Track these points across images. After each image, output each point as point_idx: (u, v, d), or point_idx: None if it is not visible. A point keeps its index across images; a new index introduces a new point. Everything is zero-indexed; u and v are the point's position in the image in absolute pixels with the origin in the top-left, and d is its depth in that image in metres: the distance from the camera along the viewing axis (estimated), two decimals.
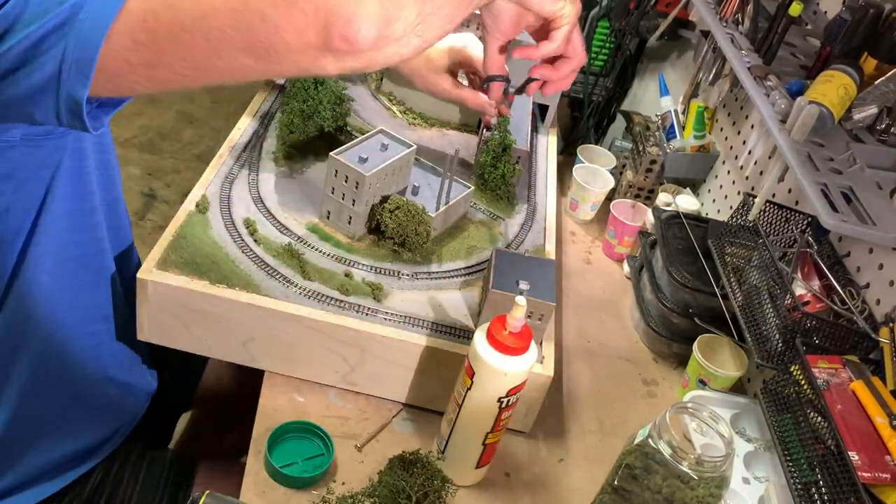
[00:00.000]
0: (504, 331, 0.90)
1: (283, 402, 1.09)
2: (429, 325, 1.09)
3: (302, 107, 1.24)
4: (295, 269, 1.10)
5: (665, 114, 1.63)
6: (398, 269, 1.15)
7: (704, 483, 0.81)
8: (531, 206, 1.38)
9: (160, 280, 1.03)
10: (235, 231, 1.13)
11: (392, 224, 1.15)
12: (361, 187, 1.12)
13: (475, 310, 1.13)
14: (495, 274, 1.07)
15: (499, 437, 0.99)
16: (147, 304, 1.05)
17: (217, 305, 1.04)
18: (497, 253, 1.11)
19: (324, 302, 1.07)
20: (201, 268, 1.06)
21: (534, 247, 1.28)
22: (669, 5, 1.74)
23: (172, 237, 1.09)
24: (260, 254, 1.11)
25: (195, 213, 1.14)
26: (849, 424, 0.89)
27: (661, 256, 1.32)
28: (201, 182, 1.20)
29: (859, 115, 1.10)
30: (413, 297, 1.13)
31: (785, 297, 1.06)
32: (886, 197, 1.04)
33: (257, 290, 1.05)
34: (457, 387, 0.97)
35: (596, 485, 0.96)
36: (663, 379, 1.30)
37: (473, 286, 1.18)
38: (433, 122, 1.50)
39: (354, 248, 1.17)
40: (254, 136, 1.33)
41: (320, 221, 1.19)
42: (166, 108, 3.27)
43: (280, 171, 1.27)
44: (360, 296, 1.09)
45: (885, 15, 1.11)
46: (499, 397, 0.93)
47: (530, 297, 1.04)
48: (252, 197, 1.20)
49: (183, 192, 2.85)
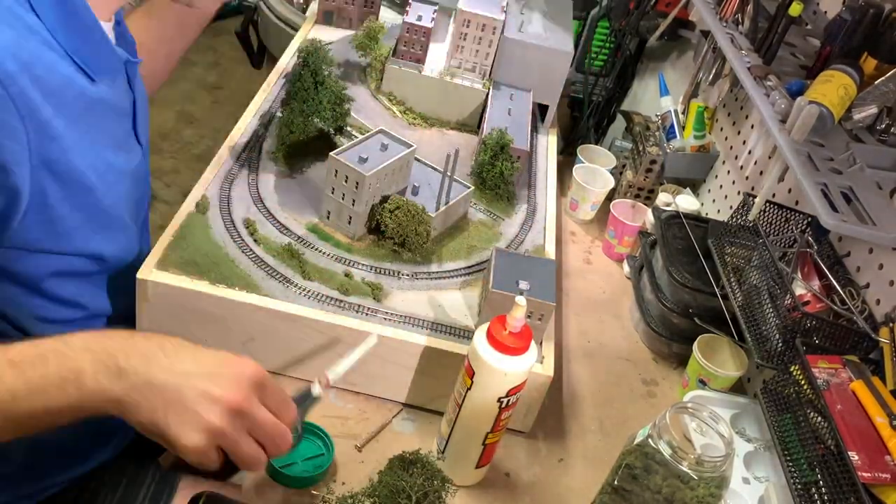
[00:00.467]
0: (504, 331, 0.90)
1: None
2: (429, 324, 1.09)
3: (302, 107, 1.24)
4: (295, 269, 1.10)
5: (665, 114, 1.63)
6: (398, 269, 1.15)
7: (704, 483, 0.81)
8: (531, 205, 1.38)
9: (160, 280, 1.03)
10: (235, 231, 1.13)
11: (392, 224, 1.15)
12: (361, 187, 1.12)
13: (475, 309, 1.13)
14: (495, 274, 1.07)
15: (499, 437, 0.99)
16: (147, 304, 1.05)
17: (217, 305, 1.04)
18: (497, 253, 1.11)
19: (324, 302, 1.07)
20: (201, 268, 1.06)
21: (534, 246, 1.28)
22: (669, 5, 1.74)
23: (172, 237, 1.09)
24: (260, 254, 1.11)
25: (195, 213, 1.14)
26: (849, 424, 0.89)
27: (661, 256, 1.32)
28: (201, 182, 1.20)
29: (859, 115, 1.10)
30: (413, 297, 1.12)
31: (785, 297, 1.06)
32: (886, 197, 1.04)
33: (257, 290, 1.05)
34: (457, 387, 0.97)
35: (596, 485, 0.96)
36: (663, 379, 1.30)
37: (473, 286, 1.18)
38: (433, 121, 1.50)
39: (354, 248, 1.17)
40: (254, 136, 1.33)
41: (320, 221, 1.19)
42: (166, 108, 3.27)
43: (280, 171, 1.27)
44: (360, 296, 1.09)
45: (885, 15, 1.11)
46: (499, 397, 0.93)
47: (530, 297, 1.04)
48: (252, 197, 1.20)
49: (183, 192, 2.83)
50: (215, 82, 3.52)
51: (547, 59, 1.49)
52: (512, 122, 1.41)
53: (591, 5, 1.88)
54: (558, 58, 1.49)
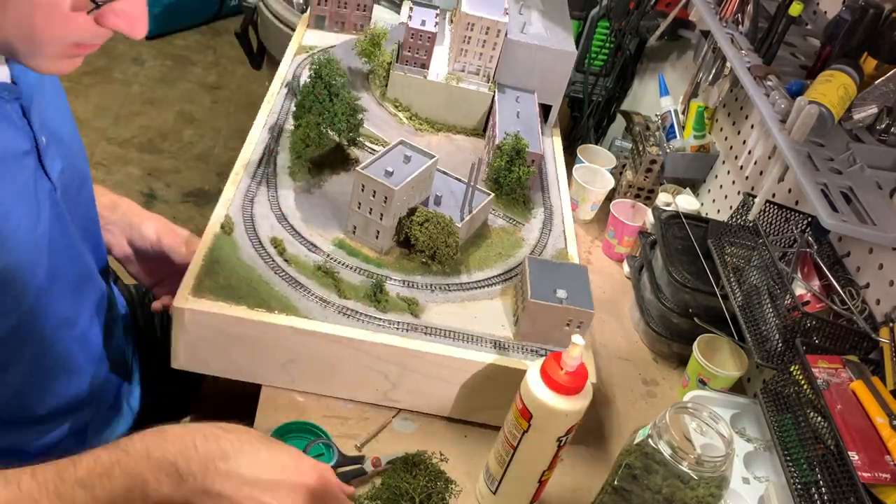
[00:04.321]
0: (560, 370, 0.88)
1: (283, 402, 1.08)
2: (468, 337, 1.08)
3: (318, 119, 1.22)
4: (329, 287, 1.09)
5: (665, 114, 1.63)
6: (430, 283, 1.15)
7: (704, 483, 0.81)
8: (547, 208, 1.37)
9: (198, 308, 1.00)
10: (264, 251, 1.11)
11: (423, 237, 1.13)
12: (390, 201, 1.10)
13: (510, 319, 1.13)
14: (532, 283, 1.07)
15: (553, 471, 0.97)
16: (184, 332, 1.02)
17: (257, 329, 1.02)
18: (530, 261, 1.11)
19: (362, 320, 1.06)
20: (238, 292, 1.03)
21: (556, 250, 1.28)
22: (669, 5, 1.74)
23: (203, 261, 1.06)
24: (293, 274, 1.09)
25: (221, 234, 1.11)
26: (849, 424, 0.89)
27: (661, 256, 1.32)
28: (222, 201, 1.17)
29: (859, 115, 1.10)
30: (448, 309, 1.12)
31: (785, 297, 1.06)
32: (886, 197, 1.04)
33: (296, 312, 1.04)
34: (508, 427, 0.94)
35: (596, 485, 0.96)
36: (663, 379, 1.30)
37: (505, 294, 1.17)
38: (440, 127, 1.50)
39: (384, 262, 1.15)
40: (266, 150, 1.29)
41: (346, 237, 1.18)
42: (166, 108, 3.27)
43: (298, 186, 1.24)
44: (398, 312, 1.09)
45: (885, 15, 1.11)
46: (558, 437, 0.91)
47: (569, 305, 1.05)
48: (275, 215, 1.18)
49: (183, 191, 2.85)
50: (215, 82, 3.52)
51: (551, 59, 1.49)
52: (522, 125, 1.41)
53: (591, 5, 1.88)
54: (562, 58, 1.49)
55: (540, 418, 0.89)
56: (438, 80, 1.47)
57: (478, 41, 1.45)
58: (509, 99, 1.48)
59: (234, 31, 2.60)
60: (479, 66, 1.48)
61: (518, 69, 1.50)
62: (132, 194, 2.80)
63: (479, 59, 1.48)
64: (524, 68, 1.49)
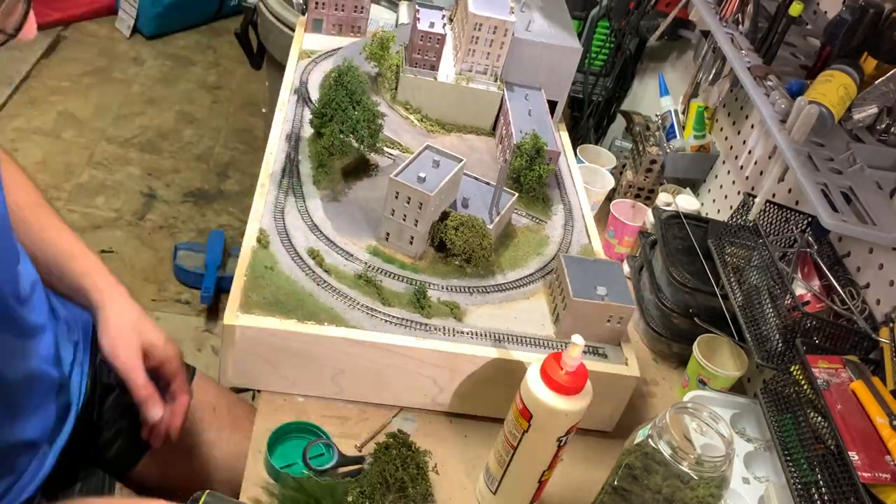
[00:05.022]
0: (561, 370, 0.88)
1: (283, 402, 1.08)
2: (513, 338, 1.09)
3: (341, 127, 1.22)
4: (373, 296, 1.09)
5: (665, 114, 1.63)
6: (468, 286, 1.15)
7: (704, 483, 0.81)
8: (566, 205, 1.38)
9: (248, 324, 1.01)
10: (303, 263, 1.11)
11: (459, 241, 1.14)
12: (425, 207, 1.11)
13: (549, 318, 1.14)
14: (572, 282, 1.07)
15: (552, 472, 0.98)
16: (234, 349, 1.03)
17: (306, 342, 1.03)
18: (566, 259, 1.12)
19: (409, 327, 1.06)
20: (286, 306, 1.04)
21: (580, 247, 1.29)
22: (669, 5, 1.74)
23: (246, 277, 1.07)
24: (335, 284, 1.09)
25: (259, 248, 1.11)
26: (849, 424, 0.89)
27: (661, 256, 1.32)
28: (253, 215, 1.16)
29: (859, 115, 1.10)
30: (489, 311, 1.13)
31: (785, 297, 1.06)
32: (886, 197, 1.04)
33: (345, 323, 1.04)
34: (508, 427, 0.94)
35: (596, 485, 0.96)
36: (663, 379, 1.30)
37: (539, 293, 1.18)
38: (451, 127, 1.50)
39: (419, 268, 1.16)
40: (287, 160, 1.29)
41: (378, 244, 1.18)
42: (166, 107, 3.27)
43: (324, 195, 1.24)
44: (441, 317, 1.09)
45: (885, 15, 1.11)
46: (558, 437, 0.91)
47: (610, 301, 1.06)
48: (307, 225, 1.18)
49: (182, 191, 2.84)
50: (215, 82, 3.52)
51: (557, 56, 1.49)
52: (535, 122, 1.41)
53: (591, 5, 1.88)
54: (568, 55, 1.49)
55: (540, 418, 0.89)
56: (448, 82, 1.47)
57: (485, 41, 1.45)
58: (519, 97, 1.48)
59: (234, 31, 2.59)
60: (486, 65, 1.49)
61: (525, 67, 1.50)
62: (132, 194, 2.80)
63: (487, 58, 1.48)
64: (531, 66, 1.50)
